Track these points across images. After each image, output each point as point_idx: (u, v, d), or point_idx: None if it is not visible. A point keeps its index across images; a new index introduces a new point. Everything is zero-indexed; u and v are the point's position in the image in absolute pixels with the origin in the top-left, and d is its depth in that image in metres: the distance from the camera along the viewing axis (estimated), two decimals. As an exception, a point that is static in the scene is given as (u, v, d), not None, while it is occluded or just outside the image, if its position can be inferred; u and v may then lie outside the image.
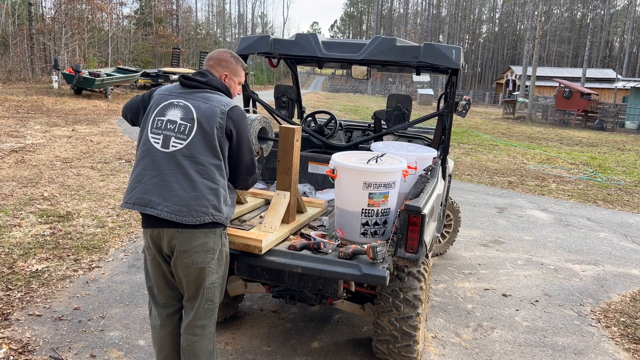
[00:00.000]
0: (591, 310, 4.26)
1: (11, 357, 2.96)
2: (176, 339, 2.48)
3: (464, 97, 3.92)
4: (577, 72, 42.09)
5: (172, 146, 2.27)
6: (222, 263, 2.40)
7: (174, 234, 2.24)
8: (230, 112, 2.33)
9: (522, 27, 70.13)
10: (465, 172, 10.41)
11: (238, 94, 2.65)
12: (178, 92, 2.37)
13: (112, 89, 20.44)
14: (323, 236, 2.93)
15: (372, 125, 4.60)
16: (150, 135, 2.32)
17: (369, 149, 3.70)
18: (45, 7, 35.34)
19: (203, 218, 2.22)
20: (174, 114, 2.31)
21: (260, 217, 3.26)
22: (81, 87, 19.11)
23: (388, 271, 2.55)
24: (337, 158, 3.03)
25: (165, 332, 2.48)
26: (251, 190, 3.68)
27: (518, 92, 34.30)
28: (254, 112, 3.34)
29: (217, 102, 2.33)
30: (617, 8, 69.96)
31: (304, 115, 4.93)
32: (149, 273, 2.45)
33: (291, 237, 2.95)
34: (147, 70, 26.50)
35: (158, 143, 2.29)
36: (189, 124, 2.28)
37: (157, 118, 2.33)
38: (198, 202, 2.22)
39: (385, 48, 3.44)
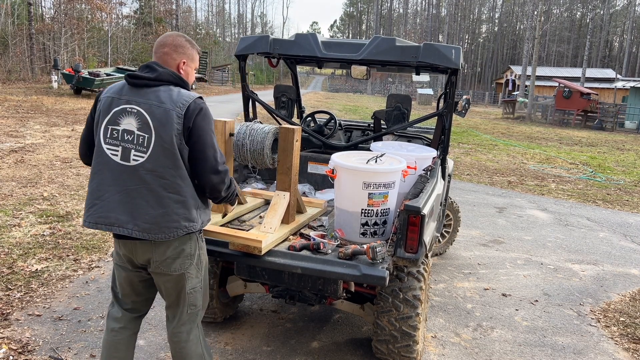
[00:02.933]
0: (591, 310, 4.26)
1: (11, 357, 2.96)
2: (132, 346, 2.44)
3: (464, 96, 3.92)
4: (576, 72, 42.09)
5: (134, 160, 2.12)
6: (202, 267, 2.35)
7: (148, 247, 2.18)
8: (187, 112, 2.13)
9: (522, 27, 70.16)
10: (465, 172, 10.41)
11: (194, 80, 2.49)
12: (128, 94, 2.17)
13: (111, 89, 20.45)
14: (323, 236, 2.94)
15: (372, 125, 4.60)
16: (105, 146, 2.15)
17: (368, 149, 3.70)
18: (44, 7, 35.32)
19: (176, 232, 2.15)
20: (130, 123, 2.13)
21: (260, 217, 3.26)
22: (81, 87, 19.08)
23: (387, 271, 2.55)
24: (337, 158, 3.03)
25: (122, 336, 2.40)
26: (251, 190, 3.68)
27: (518, 92, 34.30)
28: (260, 122, 3.35)
29: (172, 103, 2.13)
30: (616, 8, 69.99)
31: (304, 115, 4.93)
32: (116, 277, 2.40)
33: (291, 237, 2.95)
34: (147, 70, 26.47)
35: (117, 155, 2.13)
36: (146, 135, 2.11)
37: (110, 127, 2.15)
38: (167, 219, 2.13)
39: (384, 48, 3.44)
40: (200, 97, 2.22)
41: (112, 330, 2.40)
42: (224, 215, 2.91)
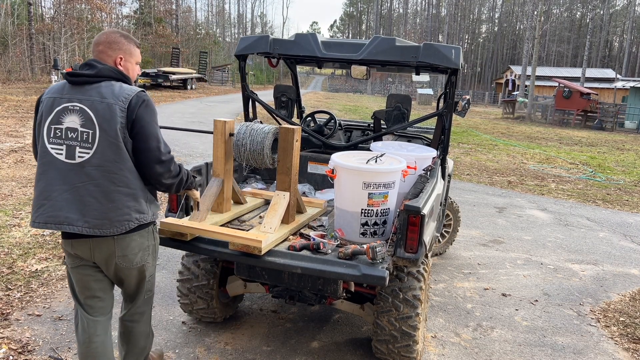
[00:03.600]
0: (591, 310, 4.26)
1: (11, 357, 2.96)
2: (109, 346, 2.44)
3: (463, 96, 3.92)
4: (576, 72, 42.08)
5: (79, 157, 2.13)
6: (156, 256, 2.49)
7: (110, 242, 2.21)
8: (130, 105, 2.16)
9: (522, 27, 70.14)
10: (465, 172, 10.41)
11: (139, 74, 2.50)
12: (70, 93, 2.18)
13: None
14: (322, 236, 2.94)
15: (372, 125, 4.60)
16: (49, 146, 2.16)
17: (368, 149, 3.70)
18: (44, 7, 35.33)
19: (127, 225, 2.20)
20: (73, 121, 2.14)
21: (260, 217, 3.26)
22: (80, 87, 19.06)
23: (387, 271, 2.55)
24: (337, 158, 3.03)
25: (96, 344, 2.38)
26: (251, 190, 3.69)
27: (517, 92, 34.30)
28: (260, 121, 3.34)
29: (114, 97, 2.15)
30: (616, 8, 70.00)
31: (304, 115, 4.93)
32: (75, 285, 2.37)
33: (291, 237, 2.95)
34: (147, 70, 26.53)
35: (61, 154, 2.14)
36: (91, 131, 2.13)
37: (53, 126, 2.16)
38: (118, 213, 2.16)
39: (384, 48, 3.44)
40: (143, 90, 2.26)
41: (83, 343, 2.38)
42: (197, 206, 2.82)
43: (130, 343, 2.58)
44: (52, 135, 2.16)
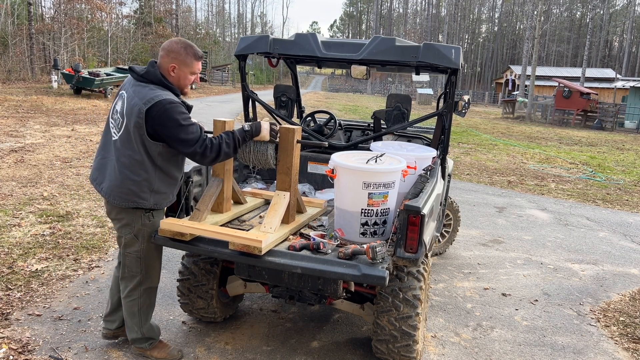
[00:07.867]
0: (590, 310, 4.26)
1: (11, 357, 2.96)
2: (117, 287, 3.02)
3: (463, 96, 3.92)
4: (576, 72, 42.08)
5: (114, 135, 2.61)
6: (142, 240, 2.75)
7: (110, 205, 2.71)
8: (150, 111, 2.46)
9: (522, 27, 70.12)
10: (465, 172, 10.42)
11: (196, 83, 2.79)
12: (127, 83, 2.66)
13: (111, 89, 20.39)
14: (322, 236, 2.94)
15: (372, 125, 4.60)
16: (110, 120, 2.67)
17: (368, 149, 3.70)
18: (44, 7, 35.25)
19: (125, 204, 2.62)
20: (119, 105, 2.61)
21: (260, 217, 3.26)
22: (81, 86, 19.07)
23: (387, 271, 2.55)
24: (337, 158, 3.03)
25: (115, 277, 3.07)
26: (251, 190, 3.69)
27: (517, 92, 34.28)
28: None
29: (143, 98, 2.49)
30: (616, 8, 70.00)
31: (304, 115, 4.93)
32: None
33: (291, 237, 2.95)
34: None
35: (112, 129, 2.63)
36: (121, 118, 2.57)
37: (114, 106, 2.67)
38: (119, 191, 2.60)
39: (384, 48, 3.44)
40: (168, 99, 2.50)
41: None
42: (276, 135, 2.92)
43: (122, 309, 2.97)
44: (111, 113, 2.67)
